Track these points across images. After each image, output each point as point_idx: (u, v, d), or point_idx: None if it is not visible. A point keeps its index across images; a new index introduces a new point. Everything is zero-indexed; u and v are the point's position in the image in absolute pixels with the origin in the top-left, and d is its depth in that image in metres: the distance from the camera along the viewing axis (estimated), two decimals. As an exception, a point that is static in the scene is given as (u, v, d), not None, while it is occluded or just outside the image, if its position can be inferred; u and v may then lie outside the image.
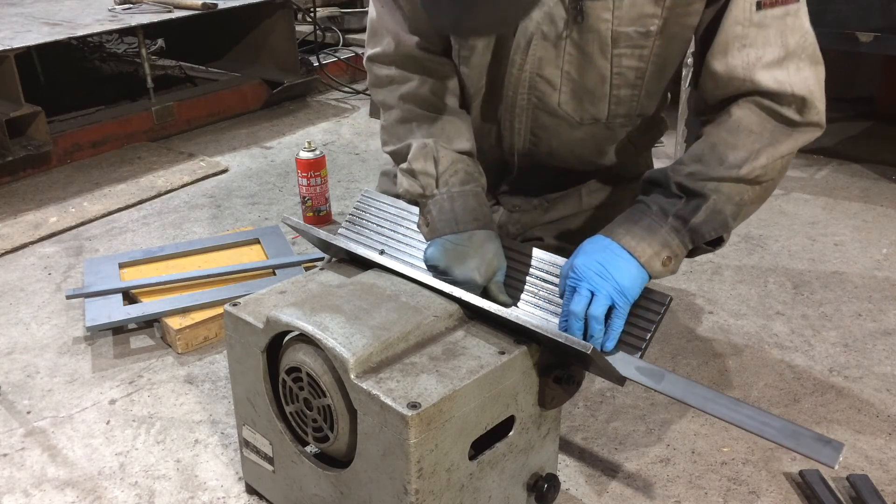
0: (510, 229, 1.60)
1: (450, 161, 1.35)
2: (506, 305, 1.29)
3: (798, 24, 1.26)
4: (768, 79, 1.24)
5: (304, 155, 2.51)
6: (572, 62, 1.32)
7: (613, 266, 1.19)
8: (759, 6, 1.23)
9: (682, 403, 1.16)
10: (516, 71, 1.35)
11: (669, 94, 1.50)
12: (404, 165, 1.38)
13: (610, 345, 1.20)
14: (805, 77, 1.27)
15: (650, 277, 1.21)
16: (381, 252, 1.45)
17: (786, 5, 1.24)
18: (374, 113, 3.58)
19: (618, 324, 1.19)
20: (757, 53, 1.24)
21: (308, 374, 1.16)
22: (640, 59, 1.32)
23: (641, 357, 1.19)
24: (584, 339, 1.20)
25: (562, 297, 1.24)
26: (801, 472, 1.44)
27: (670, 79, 1.39)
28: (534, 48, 1.31)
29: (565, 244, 1.53)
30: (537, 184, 1.55)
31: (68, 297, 1.99)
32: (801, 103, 1.27)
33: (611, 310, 1.19)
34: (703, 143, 1.28)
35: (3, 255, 2.40)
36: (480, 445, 1.14)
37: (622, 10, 1.25)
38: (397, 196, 1.45)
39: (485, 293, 1.31)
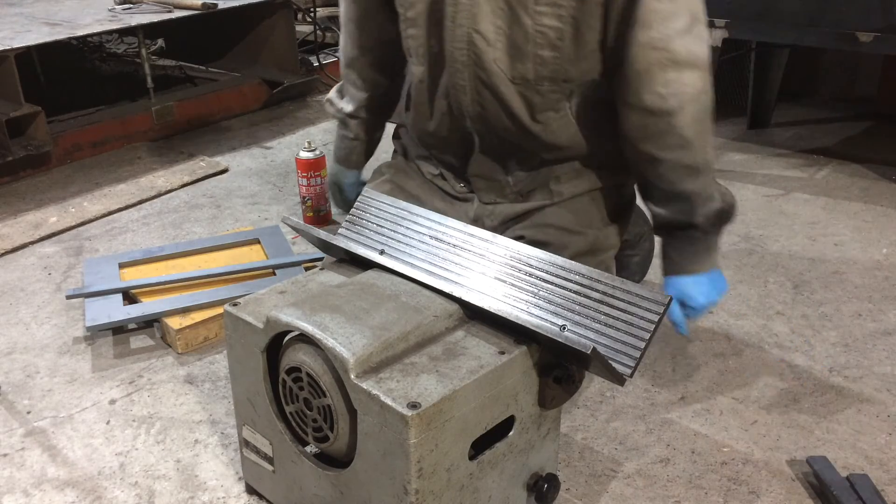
0: (486, 222, 1.60)
1: (332, 114, 1.84)
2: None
3: None
4: (681, 47, 1.34)
5: (304, 155, 2.51)
6: (503, 17, 1.39)
7: (715, 291, 1.49)
8: None
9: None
10: (451, 24, 1.42)
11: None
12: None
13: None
14: (704, 38, 1.38)
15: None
16: (381, 252, 1.46)
17: None
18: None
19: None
20: (674, 25, 1.34)
21: (308, 374, 1.16)
22: (559, 20, 1.37)
23: (640, 358, 1.19)
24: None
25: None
26: (808, 460, 1.46)
27: (595, 49, 1.42)
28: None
29: (545, 239, 1.54)
30: (502, 153, 1.57)
31: (68, 297, 1.99)
32: (703, 64, 1.37)
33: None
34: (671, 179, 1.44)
35: (3, 255, 2.40)
36: (480, 445, 1.15)
37: None
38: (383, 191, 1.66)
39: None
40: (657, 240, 1.66)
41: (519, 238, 1.55)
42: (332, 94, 1.84)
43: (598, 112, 1.51)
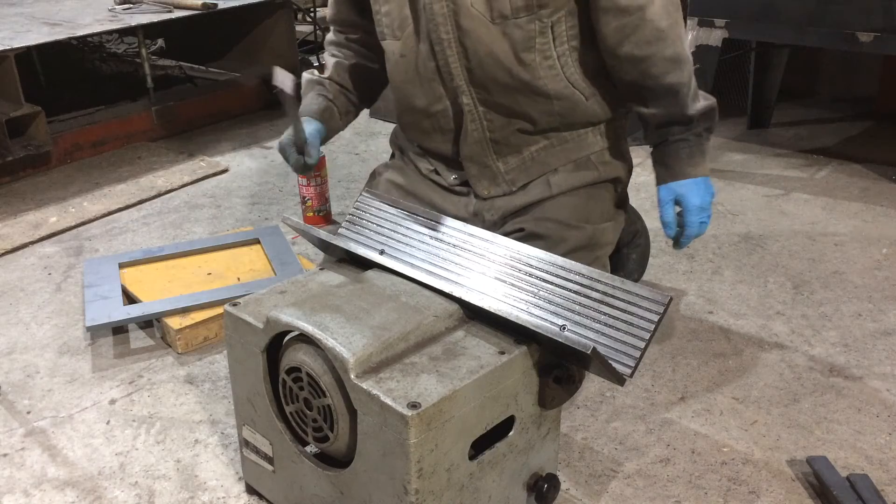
0: (486, 217, 1.61)
1: (307, 81, 1.78)
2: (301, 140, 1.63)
3: None
4: None
5: (304, 155, 2.51)
6: None
7: (708, 195, 1.54)
8: None
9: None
10: None
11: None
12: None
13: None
14: None
15: None
16: (381, 252, 1.46)
17: None
18: (373, 113, 3.58)
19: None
20: None
21: (308, 374, 1.16)
22: None
23: (640, 358, 1.19)
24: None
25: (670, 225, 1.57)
26: (808, 460, 1.46)
27: None
28: None
29: (544, 233, 1.54)
30: (490, 127, 1.58)
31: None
32: None
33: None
34: (663, 79, 1.50)
35: (3, 255, 2.40)
36: (480, 445, 1.15)
37: None
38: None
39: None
40: (640, 176, 1.71)
41: (518, 231, 1.56)
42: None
43: (585, 68, 1.55)
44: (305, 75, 1.78)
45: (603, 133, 1.61)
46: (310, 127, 1.68)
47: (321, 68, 1.81)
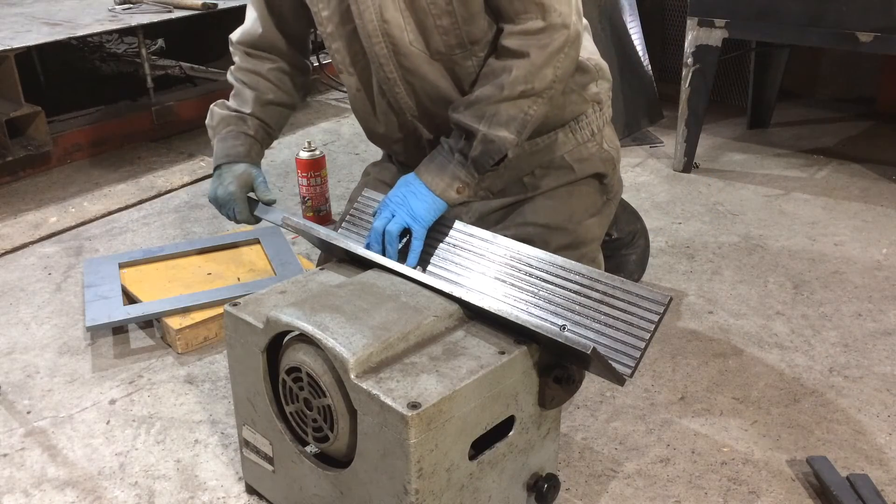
0: (464, 220, 1.61)
1: (221, 117, 1.69)
2: (270, 202, 1.63)
3: None
4: None
5: (304, 155, 2.51)
6: (403, 0, 1.42)
7: (411, 196, 1.44)
8: None
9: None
10: (361, 22, 1.45)
11: None
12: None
13: (412, 261, 1.42)
14: None
15: (448, 205, 1.46)
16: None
17: None
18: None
19: (416, 244, 1.43)
20: None
21: (308, 374, 1.16)
22: None
23: (640, 358, 1.19)
24: (384, 254, 1.42)
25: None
26: (808, 460, 1.46)
27: (481, 7, 1.44)
28: None
29: (527, 237, 1.53)
30: None
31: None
32: (541, 10, 1.38)
33: (409, 232, 1.43)
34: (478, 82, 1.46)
35: (3, 255, 2.40)
36: (480, 445, 1.15)
37: None
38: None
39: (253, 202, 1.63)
40: None
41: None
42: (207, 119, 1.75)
43: None
44: (218, 110, 1.70)
45: (576, 130, 1.60)
46: (258, 176, 1.66)
47: (229, 96, 1.75)
